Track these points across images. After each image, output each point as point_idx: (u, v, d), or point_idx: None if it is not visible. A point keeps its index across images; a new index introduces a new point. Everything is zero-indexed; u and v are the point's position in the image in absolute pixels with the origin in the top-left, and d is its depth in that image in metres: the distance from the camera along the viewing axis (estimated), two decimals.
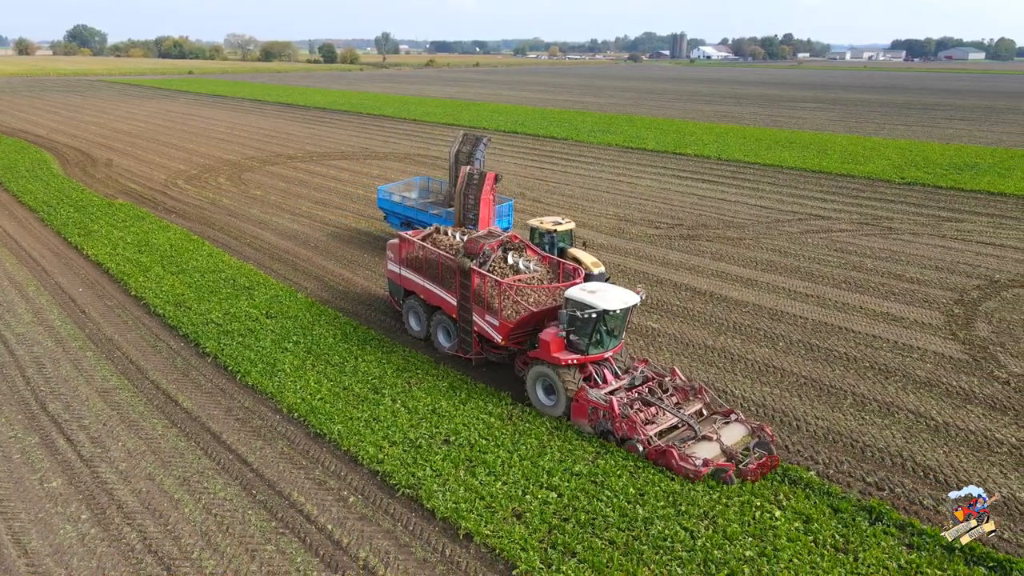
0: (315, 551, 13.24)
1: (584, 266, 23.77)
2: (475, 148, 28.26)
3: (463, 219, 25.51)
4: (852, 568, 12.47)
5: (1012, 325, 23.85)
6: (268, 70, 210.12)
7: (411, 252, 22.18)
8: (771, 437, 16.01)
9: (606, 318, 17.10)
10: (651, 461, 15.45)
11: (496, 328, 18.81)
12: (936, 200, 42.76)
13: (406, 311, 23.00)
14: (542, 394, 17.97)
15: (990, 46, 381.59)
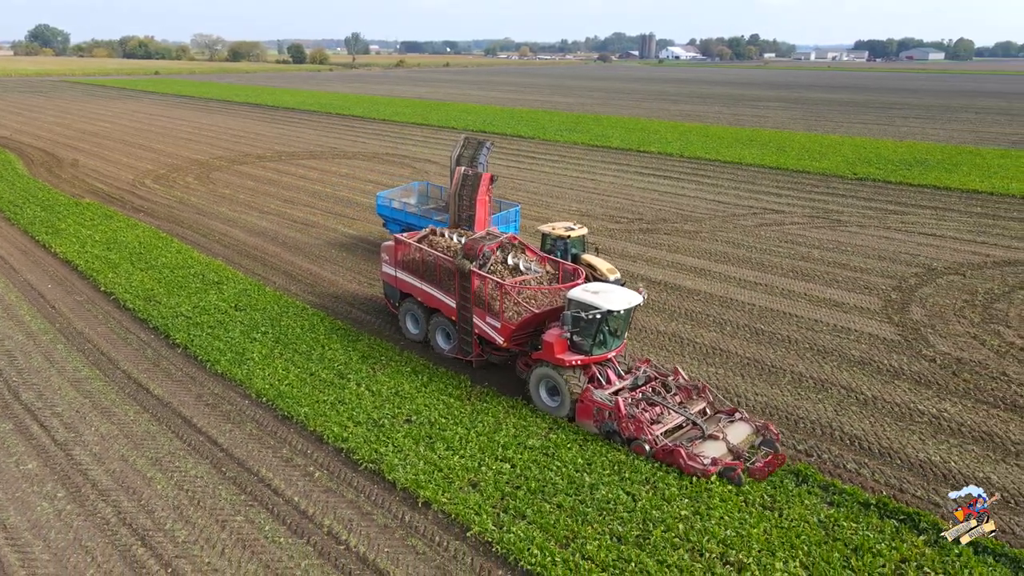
0: (282, 520, 14.11)
1: (599, 272, 23.77)
2: (477, 152, 27.85)
3: (458, 220, 25.45)
4: (777, 523, 13.67)
5: (943, 309, 25.42)
6: (236, 70, 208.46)
7: (407, 254, 21.89)
8: (776, 435, 16.07)
9: (609, 318, 17.06)
10: (658, 461, 15.44)
11: (498, 330, 18.69)
12: (885, 194, 44.62)
13: (403, 314, 22.68)
14: (545, 395, 17.94)
15: (949, 46, 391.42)
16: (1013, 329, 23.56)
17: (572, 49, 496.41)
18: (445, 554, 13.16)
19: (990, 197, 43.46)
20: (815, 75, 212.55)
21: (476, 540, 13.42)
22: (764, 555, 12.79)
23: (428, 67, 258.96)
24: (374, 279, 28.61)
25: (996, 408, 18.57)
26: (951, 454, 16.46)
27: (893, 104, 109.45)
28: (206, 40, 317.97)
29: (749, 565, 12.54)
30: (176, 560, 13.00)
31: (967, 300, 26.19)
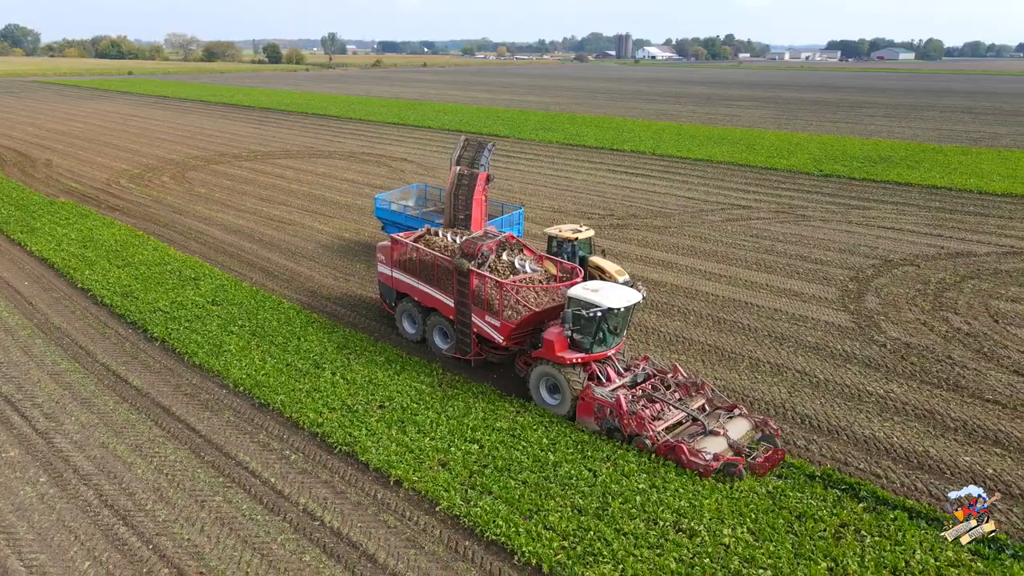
0: (259, 500, 14.75)
1: (608, 275, 23.73)
2: (478, 153, 27.61)
3: (454, 220, 25.61)
4: (727, 494, 14.55)
5: (897, 297, 26.58)
6: (211, 71, 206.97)
7: (404, 254, 21.87)
8: (775, 431, 16.26)
9: (609, 316, 17.21)
10: (660, 456, 15.55)
11: (497, 329, 18.77)
12: (849, 190, 45.97)
13: (399, 314, 22.67)
14: (546, 394, 18.04)
15: (919, 47, 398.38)
16: (960, 316, 24.75)
17: (550, 49, 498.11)
18: (415, 527, 13.89)
19: (949, 192, 44.96)
20: (788, 75, 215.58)
21: (445, 514, 14.16)
22: (714, 523, 13.66)
23: (405, 67, 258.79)
24: (350, 274, 29.22)
25: (939, 388, 19.66)
26: (894, 430, 17.48)
27: (862, 103, 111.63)
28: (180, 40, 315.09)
29: (700, 532, 13.40)
30: (157, 538, 13.59)
31: (919, 289, 27.38)
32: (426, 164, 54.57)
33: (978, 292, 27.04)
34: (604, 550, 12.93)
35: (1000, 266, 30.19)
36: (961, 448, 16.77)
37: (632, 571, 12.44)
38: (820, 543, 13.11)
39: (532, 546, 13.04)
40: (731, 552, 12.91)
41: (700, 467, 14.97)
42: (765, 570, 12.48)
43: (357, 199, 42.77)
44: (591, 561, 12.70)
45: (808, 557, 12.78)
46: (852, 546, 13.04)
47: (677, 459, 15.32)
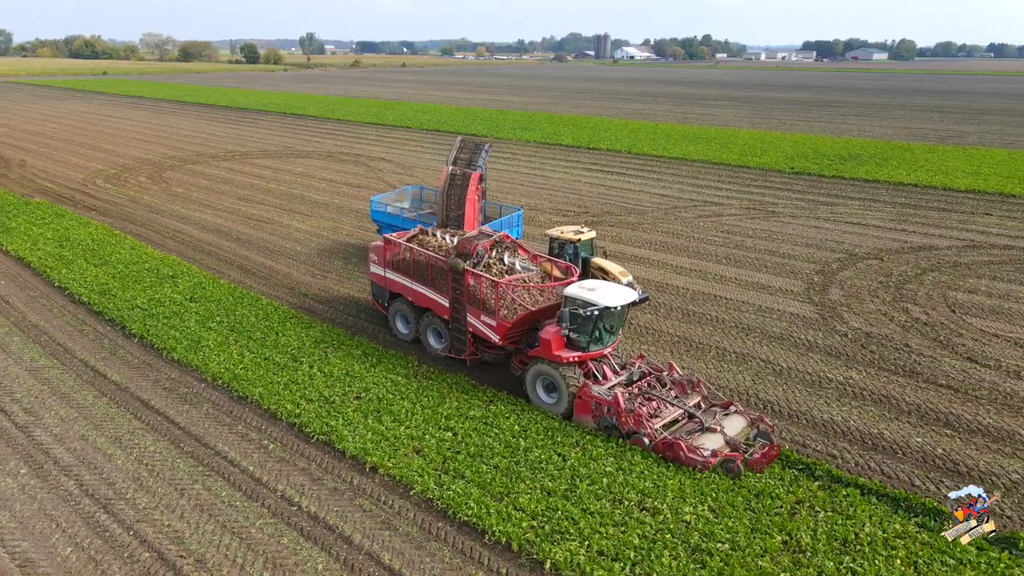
0: (238, 487, 15.16)
1: (612, 276, 23.65)
2: (475, 155, 27.82)
3: (446, 220, 25.60)
4: (690, 475, 15.19)
5: (860, 289, 27.46)
6: (187, 71, 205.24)
7: (397, 254, 21.87)
8: (771, 427, 16.45)
9: (606, 315, 17.38)
10: (658, 454, 15.74)
11: (493, 328, 18.84)
12: (819, 187, 47.03)
13: (392, 314, 22.69)
14: (543, 392, 18.11)
15: (893, 47, 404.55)
16: (919, 306, 25.66)
17: (529, 49, 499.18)
18: (390, 510, 14.38)
19: (915, 189, 46.18)
20: (764, 75, 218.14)
21: (419, 498, 14.67)
22: (676, 501, 14.30)
23: (384, 67, 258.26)
24: (328, 271, 29.59)
25: (896, 375, 20.49)
26: (851, 414, 18.25)
27: (835, 102, 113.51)
28: (156, 40, 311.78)
29: (663, 510, 14.03)
30: (138, 524, 13.96)
31: (882, 282, 28.30)
32: (404, 163, 54.95)
33: (937, 284, 28.00)
34: (571, 528, 13.51)
35: (960, 259, 31.23)
36: (913, 430, 17.57)
37: (597, 547, 13.03)
38: (776, 518, 13.79)
39: (502, 526, 13.59)
40: (691, 528, 13.55)
41: (698, 463, 15.14)
42: (723, 544, 13.12)
43: (335, 198, 43.07)
44: (558, 539, 13.27)
45: (764, 531, 13.45)
46: (806, 520, 13.73)
47: (675, 456, 15.46)
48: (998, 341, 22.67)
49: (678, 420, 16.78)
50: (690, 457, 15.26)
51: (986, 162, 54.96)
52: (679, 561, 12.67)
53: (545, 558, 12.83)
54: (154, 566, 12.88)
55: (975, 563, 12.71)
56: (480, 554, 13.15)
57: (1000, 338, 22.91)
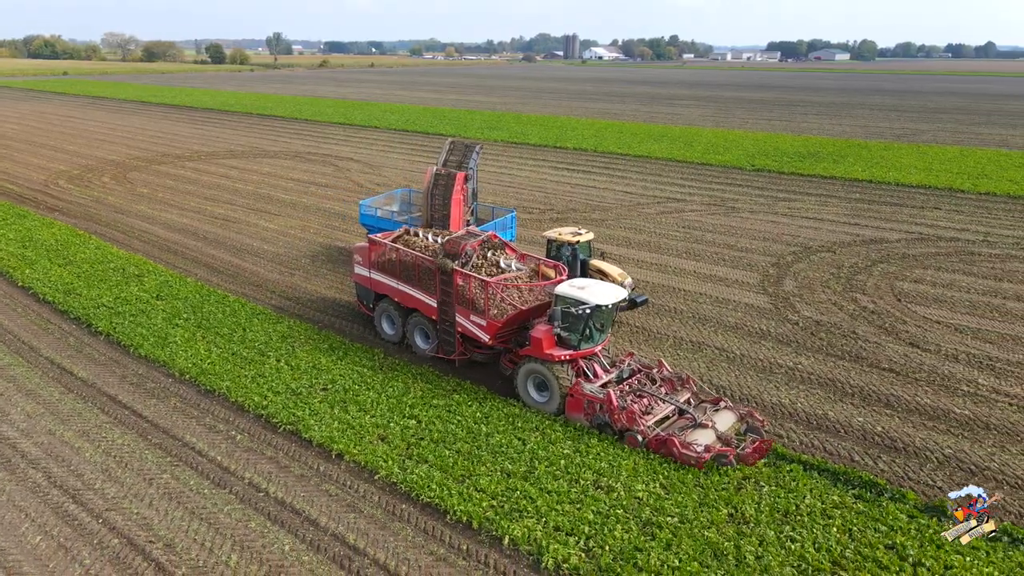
0: (206, 475, 15.53)
1: (611, 278, 23.41)
2: (466, 157, 27.87)
3: (431, 220, 25.64)
4: (644, 455, 15.91)
5: (812, 281, 28.54)
6: (151, 71, 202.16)
7: (382, 255, 21.78)
8: (761, 422, 16.72)
9: (597, 313, 17.50)
10: (651, 450, 15.87)
11: (483, 328, 18.85)
12: (778, 184, 48.34)
13: (378, 315, 22.54)
14: (534, 391, 18.14)
15: (854, 47, 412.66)
16: (868, 296, 26.78)
17: (498, 49, 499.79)
18: (355, 494, 14.88)
19: (869, 185, 47.68)
20: (730, 75, 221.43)
21: (383, 482, 15.19)
22: (630, 479, 15.01)
23: (352, 68, 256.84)
24: (295, 269, 29.88)
25: (842, 360, 21.48)
26: (798, 397, 19.17)
27: (797, 102, 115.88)
28: (118, 39, 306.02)
29: (616, 488, 14.73)
30: (107, 513, 14.28)
31: (833, 273, 29.42)
32: (372, 163, 55.23)
33: (886, 275, 29.20)
34: (529, 507, 14.15)
35: (908, 251, 32.54)
36: (856, 411, 18.53)
37: (553, 523, 13.68)
38: (723, 493, 14.57)
39: (464, 506, 14.17)
40: (643, 503, 14.27)
41: (692, 459, 15.25)
42: (673, 517, 13.85)
43: (303, 197, 43.24)
44: (517, 516, 13.89)
45: (712, 505, 14.21)
46: (751, 495, 14.53)
47: (669, 452, 15.57)
48: (939, 327, 23.82)
49: (669, 417, 16.94)
50: (684, 453, 15.36)
51: (938, 159, 56.84)
52: (630, 534, 13.37)
53: (504, 534, 13.44)
54: (123, 551, 13.22)
55: (906, 528, 13.61)
56: (441, 532, 13.73)
57: (941, 324, 24.07)
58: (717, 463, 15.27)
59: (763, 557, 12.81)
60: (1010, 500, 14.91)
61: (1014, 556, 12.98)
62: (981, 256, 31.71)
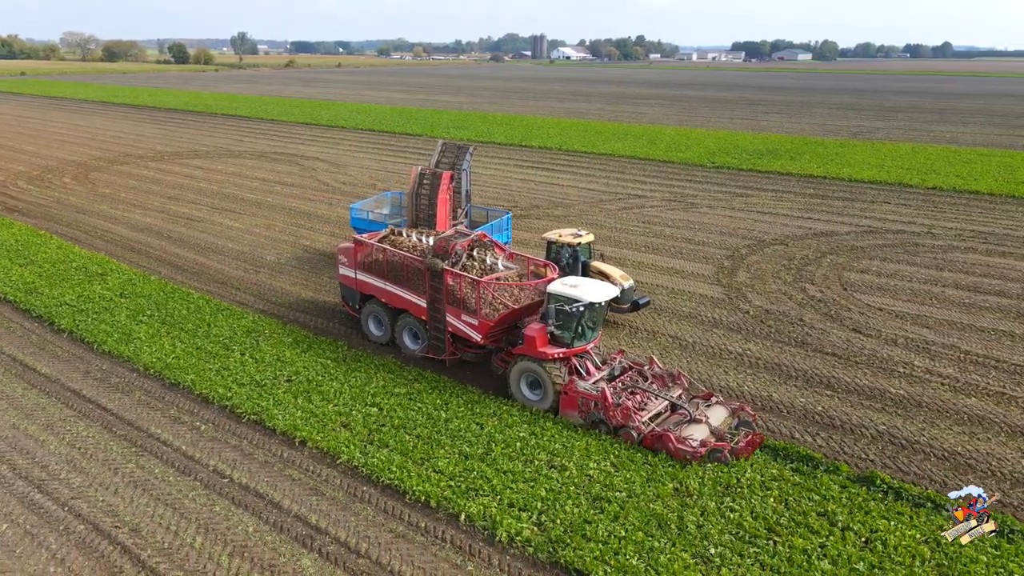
0: (171, 464, 15.91)
1: (613, 279, 23.20)
2: (458, 158, 27.58)
3: (416, 220, 25.71)
4: (596, 437, 16.65)
5: (764, 272, 29.63)
6: (113, 71, 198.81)
7: (369, 255, 21.66)
8: (752, 416, 17.00)
9: (590, 311, 17.67)
10: (646, 446, 16.03)
11: (475, 327, 18.86)
12: (736, 180, 49.64)
13: (365, 316, 22.39)
14: (527, 389, 18.16)
15: (816, 48, 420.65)
16: (816, 286, 27.91)
17: (466, 50, 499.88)
18: (318, 478, 15.40)
19: (823, 180, 49.18)
20: (695, 74, 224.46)
21: (345, 466, 15.73)
22: (582, 459, 15.74)
23: (319, 68, 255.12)
24: (260, 266, 30.15)
25: (789, 346, 22.49)
26: (745, 381, 20.10)
27: (759, 101, 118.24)
28: (77, 39, 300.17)
29: (569, 467, 15.45)
30: (73, 501, 14.61)
31: (784, 264, 30.55)
32: (338, 162, 55.43)
33: (834, 266, 30.41)
34: (485, 486, 14.80)
35: (856, 243, 33.85)
36: (799, 392, 19.51)
37: (508, 500, 14.35)
38: (669, 470, 15.36)
39: (422, 486, 14.78)
40: (594, 480, 15.01)
41: (688, 454, 15.40)
42: (621, 492, 14.61)
43: (268, 196, 43.36)
44: (473, 495, 14.54)
45: (659, 481, 15.00)
46: (695, 470, 15.34)
47: (664, 447, 15.71)
48: (881, 314, 25.00)
49: (661, 413, 17.12)
50: (679, 448, 15.49)
51: (891, 156, 58.75)
52: (580, 508, 14.10)
53: (460, 511, 14.08)
54: (89, 536, 13.59)
55: (838, 497, 14.53)
56: (401, 511, 14.32)
57: (883, 311, 25.25)
58: (712, 457, 15.51)
59: (703, 526, 13.62)
60: (935, 469, 15.94)
61: (934, 519, 13.96)
62: (924, 247, 33.14)
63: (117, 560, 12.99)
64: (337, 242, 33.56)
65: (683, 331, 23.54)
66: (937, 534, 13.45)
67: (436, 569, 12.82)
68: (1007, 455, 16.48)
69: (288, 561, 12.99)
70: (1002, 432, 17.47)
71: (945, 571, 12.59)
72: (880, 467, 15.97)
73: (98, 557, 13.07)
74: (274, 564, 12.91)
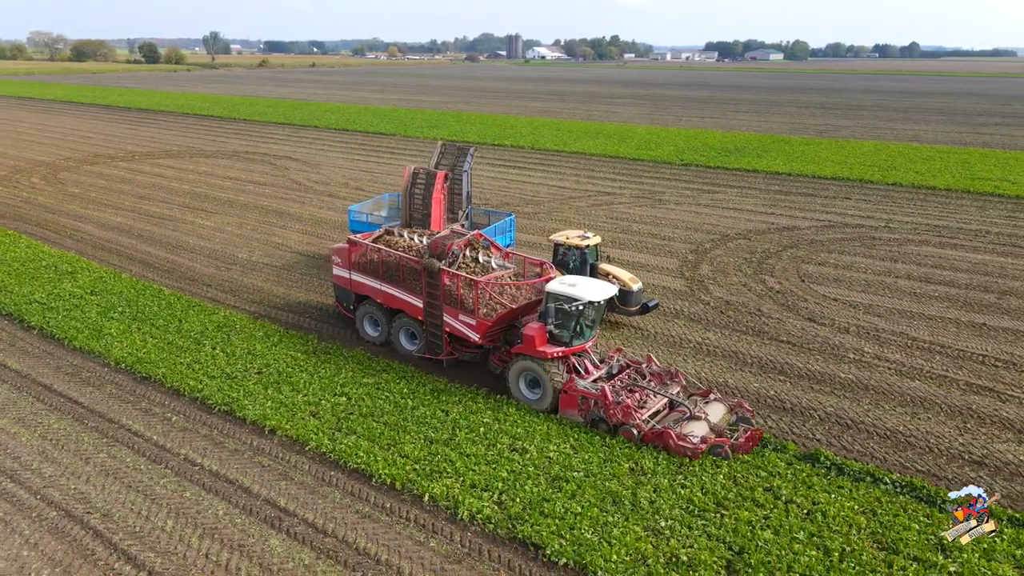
0: (142, 453, 16.29)
1: (622, 282, 23.26)
2: (459, 159, 27.42)
3: (409, 219, 25.69)
4: (556, 422, 17.32)
5: (726, 265, 30.53)
6: (82, 71, 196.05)
7: (363, 256, 21.57)
8: (750, 412, 17.18)
9: (589, 309, 17.78)
10: (646, 443, 16.15)
11: (473, 327, 18.86)
12: (703, 177, 50.68)
13: (360, 317, 22.27)
14: (526, 389, 18.16)
15: (787, 48, 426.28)
16: (775, 278, 28.86)
17: (442, 49, 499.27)
18: (287, 464, 15.88)
19: (788, 177, 50.42)
20: (668, 74, 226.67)
21: (314, 452, 16.22)
22: (543, 442, 16.38)
23: (293, 67, 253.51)
24: (232, 264, 30.43)
25: (746, 335, 23.35)
26: (703, 368, 20.89)
27: (730, 100, 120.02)
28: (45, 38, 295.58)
29: (530, 450, 16.08)
30: (44, 489, 14.94)
31: (746, 258, 31.49)
32: (311, 162, 55.63)
33: (794, 259, 31.41)
34: (449, 468, 15.39)
35: (816, 237, 34.93)
36: (753, 377, 20.34)
37: (471, 481, 14.95)
38: (626, 451, 16.06)
39: (388, 470, 15.32)
40: (553, 462, 15.66)
41: (688, 451, 15.53)
42: (579, 472, 15.28)
43: (240, 195, 43.51)
44: (437, 477, 15.12)
45: (615, 461, 15.69)
46: (650, 451, 16.05)
47: (665, 444, 15.84)
48: (836, 304, 25.97)
49: (660, 411, 17.26)
50: (680, 445, 15.61)
51: (854, 153, 60.26)
52: (539, 487, 14.74)
53: (424, 492, 14.66)
54: (62, 522, 13.95)
55: (784, 474, 15.33)
56: (367, 494, 14.85)
57: (838, 301, 26.23)
58: (713, 453, 15.73)
59: (656, 502, 14.33)
60: (877, 447, 16.83)
61: (872, 492, 14.81)
62: (881, 240, 34.30)
63: (89, 544, 13.38)
64: (309, 240, 34.02)
65: (645, 322, 24.29)
66: (875, 505, 14.32)
67: (400, 546, 13.38)
68: (944, 432, 17.42)
69: (257, 541, 13.47)
70: (942, 412, 18.44)
71: (879, 538, 13.42)
72: (825, 445, 16.81)
73: (71, 541, 13.45)
74: (243, 544, 13.38)
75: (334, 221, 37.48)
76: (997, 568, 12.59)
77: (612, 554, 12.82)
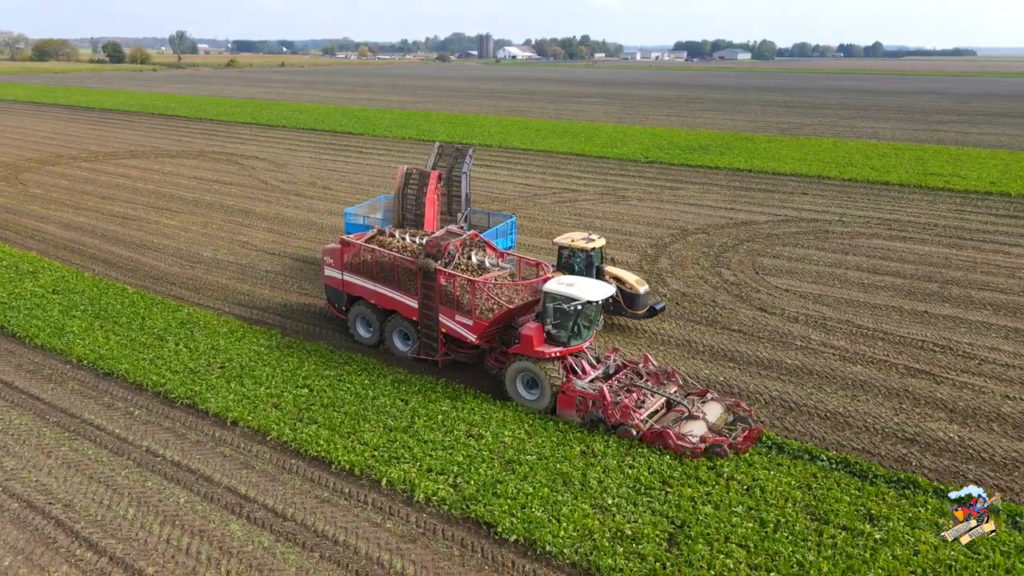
0: (104, 446, 16.55)
1: (628, 285, 23.21)
2: (457, 161, 27.26)
3: (402, 220, 25.60)
4: (512, 408, 17.89)
5: (684, 259, 31.38)
6: (43, 71, 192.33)
7: (356, 256, 21.40)
8: (748, 411, 17.27)
9: (587, 309, 17.81)
10: (645, 443, 16.28)
11: (470, 328, 18.79)
12: (667, 174, 51.66)
13: (352, 318, 22.08)
14: (523, 389, 18.12)
15: (755, 47, 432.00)
16: (731, 271, 29.76)
17: (412, 49, 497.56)
18: (249, 454, 16.26)
19: (749, 174, 51.60)
20: (638, 73, 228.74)
21: (275, 442, 16.62)
22: (498, 428, 16.96)
23: (262, 67, 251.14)
24: (196, 262, 30.56)
25: (700, 324, 24.15)
26: (656, 356, 21.57)
27: (697, 99, 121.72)
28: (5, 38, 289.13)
29: (486, 436, 16.65)
30: (6, 483, 15.15)
31: (704, 252, 32.39)
32: (278, 161, 55.60)
33: (750, 252, 32.37)
34: (406, 454, 15.90)
35: (773, 231, 35.98)
36: (704, 365, 21.14)
37: (427, 466, 15.48)
38: (578, 435, 16.71)
39: (348, 457, 15.79)
40: (508, 447, 16.24)
41: (688, 450, 15.66)
42: (532, 456, 15.88)
43: (206, 195, 43.46)
44: (395, 462, 15.63)
45: (567, 445, 16.32)
46: (601, 435, 16.71)
47: (664, 444, 15.93)
48: (787, 294, 26.92)
49: (658, 410, 17.36)
50: (679, 444, 15.73)
51: (814, 150, 61.76)
52: (494, 470, 15.32)
53: (382, 477, 15.16)
54: (24, 513, 14.20)
55: (749, 458, 16.05)
56: (327, 480, 15.31)
57: (789, 292, 27.19)
58: (712, 453, 15.83)
59: (604, 481, 14.99)
60: (817, 428, 17.68)
61: (809, 468, 15.63)
62: (834, 234, 35.45)
63: (51, 532, 13.66)
64: (275, 239, 34.22)
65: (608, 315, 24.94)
66: (810, 481, 15.13)
67: (357, 528, 13.86)
68: (881, 413, 18.34)
69: (217, 527, 13.86)
70: (880, 394, 19.37)
71: (813, 510, 14.22)
72: (769, 427, 17.60)
73: (32, 531, 13.72)
74: (204, 530, 13.76)
75: (300, 220, 37.71)
76: (920, 535, 13.43)
77: (560, 530, 13.44)
